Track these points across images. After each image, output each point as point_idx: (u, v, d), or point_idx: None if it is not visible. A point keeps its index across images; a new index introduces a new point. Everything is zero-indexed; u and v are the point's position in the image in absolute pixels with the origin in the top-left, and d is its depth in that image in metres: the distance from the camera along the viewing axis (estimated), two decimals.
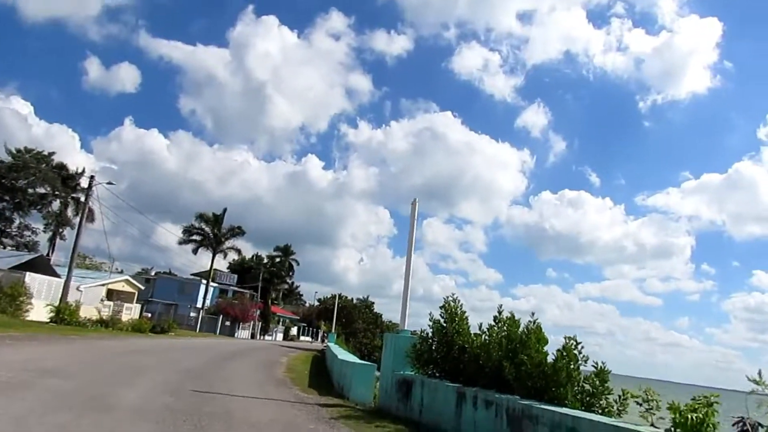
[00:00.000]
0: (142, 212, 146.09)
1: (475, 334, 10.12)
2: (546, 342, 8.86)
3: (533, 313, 8.97)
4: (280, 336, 65.93)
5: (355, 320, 51.81)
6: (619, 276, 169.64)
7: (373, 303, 58.26)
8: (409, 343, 11.14)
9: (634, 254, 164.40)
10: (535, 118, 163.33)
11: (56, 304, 28.78)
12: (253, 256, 76.64)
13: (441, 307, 10.61)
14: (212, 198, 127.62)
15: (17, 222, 55.20)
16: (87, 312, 31.22)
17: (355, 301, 55.45)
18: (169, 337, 33.39)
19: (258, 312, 59.62)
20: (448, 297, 10.68)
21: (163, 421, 7.06)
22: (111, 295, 39.82)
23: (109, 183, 38.09)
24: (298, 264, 77.30)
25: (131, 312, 38.85)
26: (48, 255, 51.70)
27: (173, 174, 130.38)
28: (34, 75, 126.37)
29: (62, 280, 31.28)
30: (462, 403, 8.90)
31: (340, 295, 50.48)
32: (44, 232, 55.77)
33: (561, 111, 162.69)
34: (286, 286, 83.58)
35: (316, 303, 70.33)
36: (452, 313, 10.50)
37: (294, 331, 73.02)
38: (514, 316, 9.32)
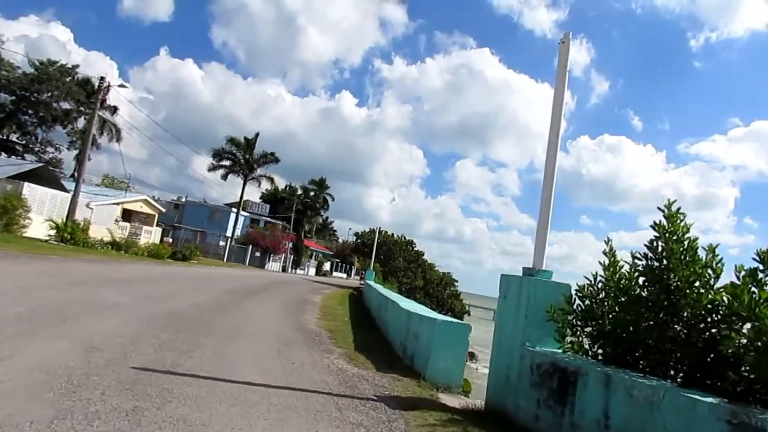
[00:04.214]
0: (174, 136, 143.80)
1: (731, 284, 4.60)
2: None
3: None
4: (312, 270, 62.70)
5: (395, 257, 47.10)
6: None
7: (413, 241, 53.29)
8: (560, 293, 5.83)
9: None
10: (577, 56, 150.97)
11: (58, 220, 24.80)
12: (286, 187, 72.72)
13: (652, 226, 5.10)
14: (247, 132, 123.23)
15: (40, 137, 52.40)
16: (98, 233, 27.39)
17: (395, 237, 50.62)
18: (189, 264, 29.30)
19: (290, 244, 56.01)
20: (668, 207, 5.13)
21: None
22: (129, 216, 36.07)
23: (121, 86, 33.67)
24: (333, 199, 73.21)
25: (151, 236, 35.03)
26: (73, 174, 48.70)
27: (208, 106, 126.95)
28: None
29: (69, 195, 27.37)
30: None
31: (380, 229, 45.57)
32: (68, 149, 53.12)
33: (605, 49, 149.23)
34: (321, 220, 79.74)
35: (352, 239, 66.19)
36: (675, 240, 5.00)
37: (327, 266, 69.69)
38: None
